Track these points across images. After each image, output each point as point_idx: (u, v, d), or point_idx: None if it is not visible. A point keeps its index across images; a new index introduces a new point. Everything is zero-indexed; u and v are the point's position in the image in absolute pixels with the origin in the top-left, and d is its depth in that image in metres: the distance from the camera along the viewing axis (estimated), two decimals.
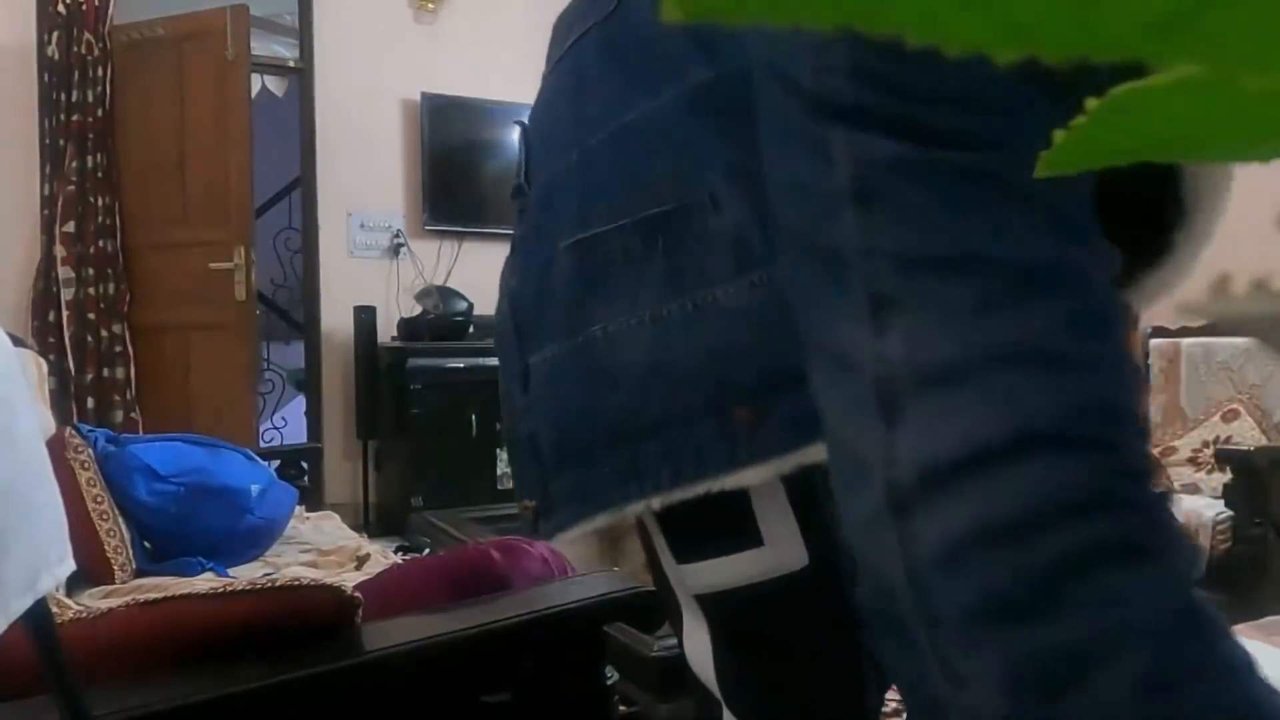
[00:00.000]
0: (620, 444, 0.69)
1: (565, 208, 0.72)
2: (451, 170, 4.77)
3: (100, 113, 4.10)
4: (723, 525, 0.71)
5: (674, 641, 1.73)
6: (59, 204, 4.05)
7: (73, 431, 2.08)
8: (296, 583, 1.09)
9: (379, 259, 4.76)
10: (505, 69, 4.66)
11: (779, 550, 0.71)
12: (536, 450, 0.74)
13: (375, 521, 4.45)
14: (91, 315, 4.11)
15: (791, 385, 0.60)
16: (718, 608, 0.74)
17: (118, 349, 4.16)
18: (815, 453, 0.61)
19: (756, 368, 0.64)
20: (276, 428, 5.37)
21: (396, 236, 4.77)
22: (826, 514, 0.72)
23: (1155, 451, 3.60)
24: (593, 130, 0.70)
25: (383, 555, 2.23)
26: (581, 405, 0.71)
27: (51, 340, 4.06)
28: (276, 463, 2.97)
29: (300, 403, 5.12)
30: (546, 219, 0.74)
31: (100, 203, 4.12)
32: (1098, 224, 0.46)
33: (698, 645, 0.77)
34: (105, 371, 4.14)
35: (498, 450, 4.46)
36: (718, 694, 0.76)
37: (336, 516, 2.71)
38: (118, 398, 4.14)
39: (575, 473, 0.72)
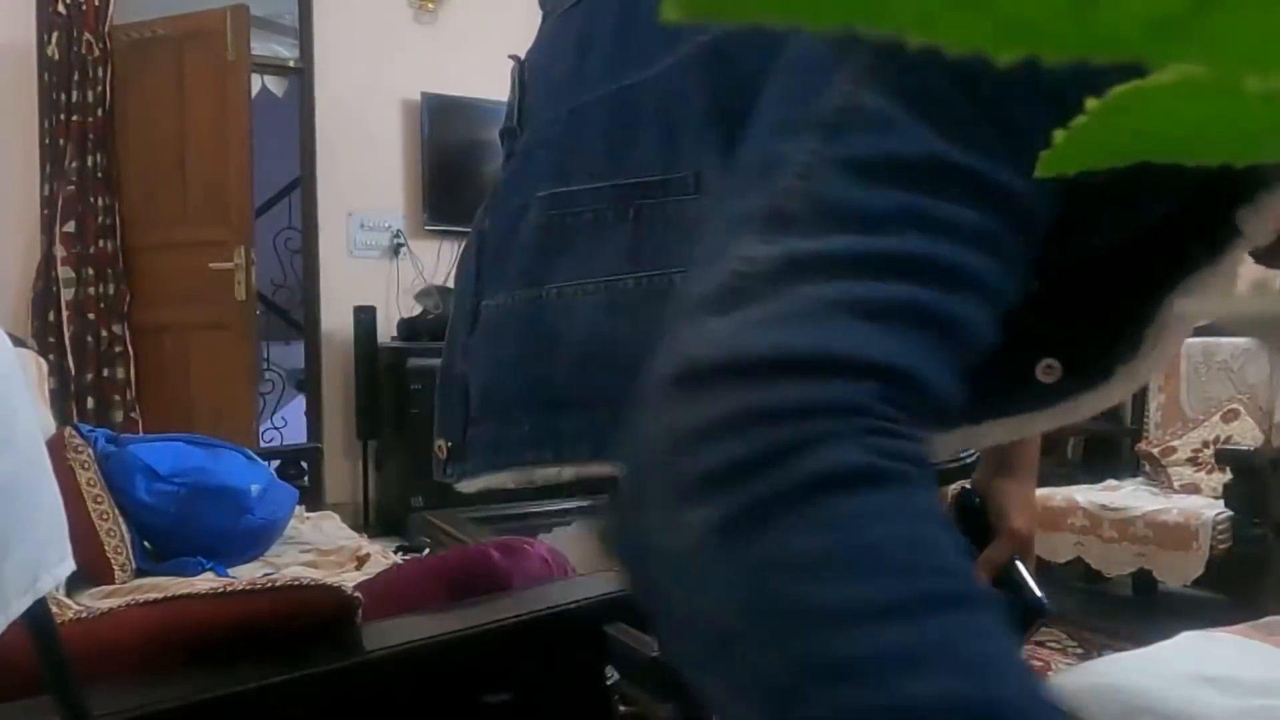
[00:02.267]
0: (544, 407, 0.68)
1: (547, 159, 0.71)
2: (451, 170, 4.77)
3: (100, 113, 4.10)
4: None
5: None
6: (59, 204, 4.05)
7: (73, 431, 2.07)
8: (296, 583, 1.09)
9: (379, 259, 4.76)
10: (505, 69, 4.64)
11: None
12: (465, 393, 0.74)
13: (375, 521, 4.45)
14: (91, 315, 4.10)
15: None
16: None
17: (118, 349, 4.16)
18: None
19: None
20: (276, 428, 5.37)
21: (396, 236, 4.77)
22: None
23: (1155, 451, 3.59)
24: (589, 87, 0.68)
25: (383, 555, 2.23)
26: (516, 359, 0.70)
27: (51, 340, 4.05)
28: (276, 463, 2.97)
29: (300, 403, 5.11)
30: (529, 167, 0.73)
31: (100, 203, 4.12)
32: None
33: None
34: (105, 371, 4.14)
35: None
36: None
37: (336, 516, 2.71)
38: (118, 398, 4.14)
39: (493, 424, 0.72)
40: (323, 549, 2.33)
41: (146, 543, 2.12)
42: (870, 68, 0.45)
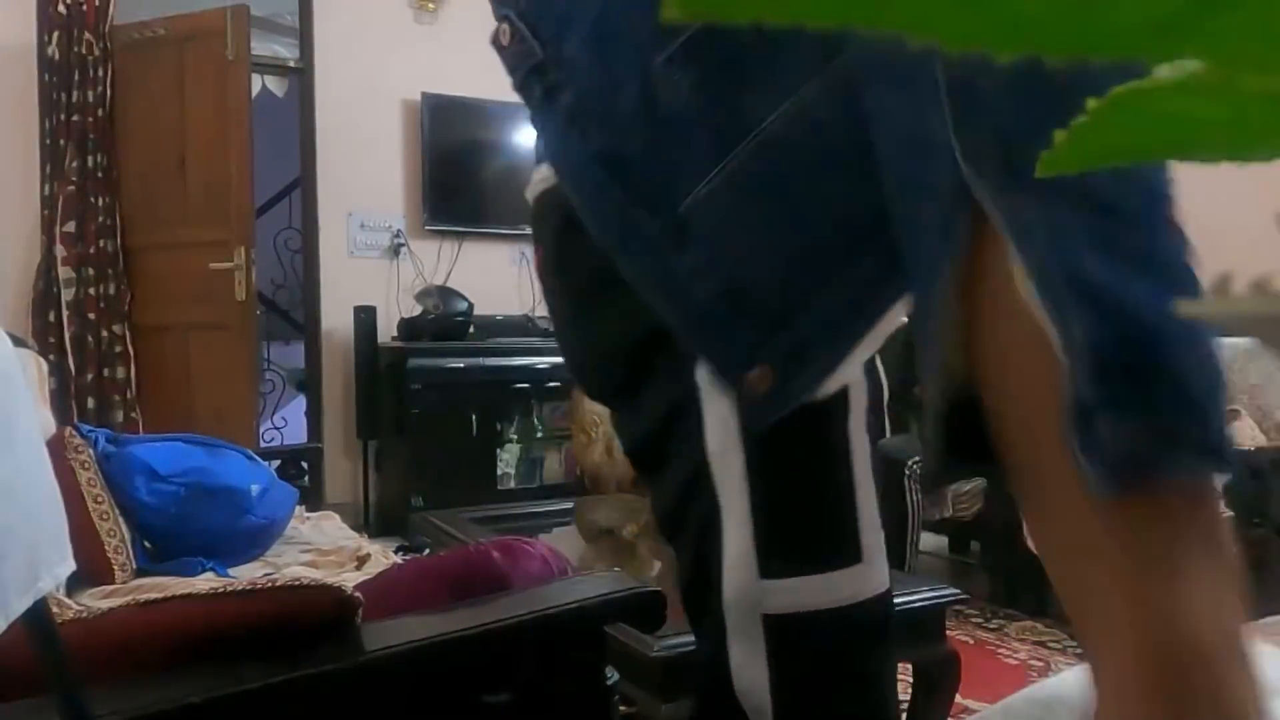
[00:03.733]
0: (872, 235, 0.56)
1: (639, 30, 0.60)
2: (451, 170, 4.77)
3: (100, 113, 4.10)
4: (827, 535, 0.65)
5: (675, 641, 1.72)
6: (59, 204, 4.05)
7: (73, 431, 2.07)
8: (296, 583, 1.09)
9: (379, 259, 4.76)
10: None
11: (874, 569, 0.65)
12: (740, 302, 0.61)
13: (375, 521, 4.45)
14: (91, 315, 4.11)
15: None
16: (787, 632, 0.65)
17: (118, 349, 4.16)
18: None
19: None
20: (276, 428, 5.37)
21: (396, 236, 4.77)
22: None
23: None
24: None
25: (383, 555, 2.23)
26: (799, 213, 0.59)
27: (51, 340, 4.06)
28: (276, 463, 2.98)
29: (300, 403, 5.12)
30: (613, 57, 0.61)
31: (100, 203, 4.12)
32: None
33: (752, 674, 0.67)
34: (105, 371, 4.14)
35: (498, 450, 4.46)
36: None
37: (336, 516, 2.70)
38: (118, 398, 4.14)
39: (820, 300, 0.59)
40: (323, 549, 2.33)
41: (146, 543, 2.12)
42: None
